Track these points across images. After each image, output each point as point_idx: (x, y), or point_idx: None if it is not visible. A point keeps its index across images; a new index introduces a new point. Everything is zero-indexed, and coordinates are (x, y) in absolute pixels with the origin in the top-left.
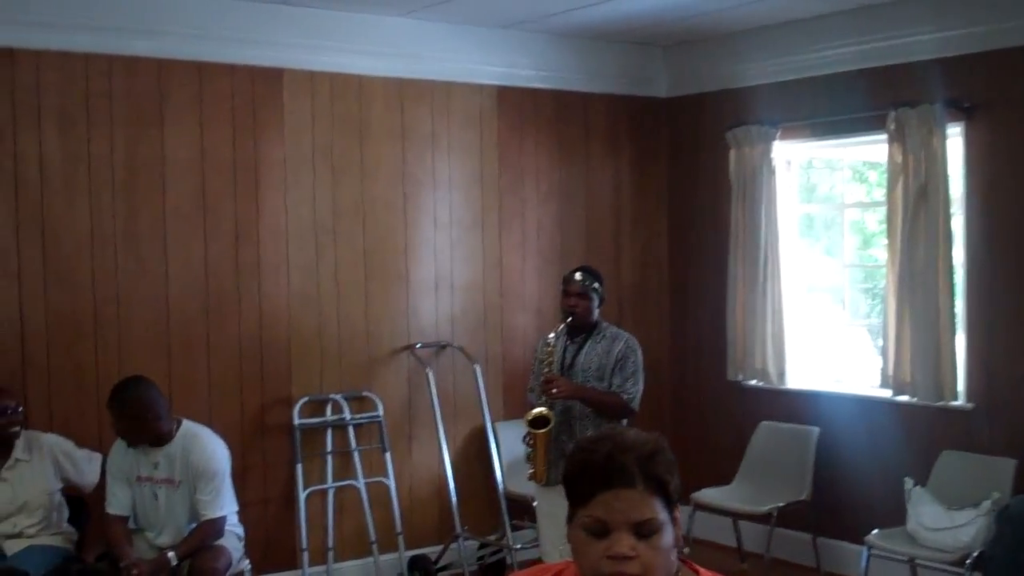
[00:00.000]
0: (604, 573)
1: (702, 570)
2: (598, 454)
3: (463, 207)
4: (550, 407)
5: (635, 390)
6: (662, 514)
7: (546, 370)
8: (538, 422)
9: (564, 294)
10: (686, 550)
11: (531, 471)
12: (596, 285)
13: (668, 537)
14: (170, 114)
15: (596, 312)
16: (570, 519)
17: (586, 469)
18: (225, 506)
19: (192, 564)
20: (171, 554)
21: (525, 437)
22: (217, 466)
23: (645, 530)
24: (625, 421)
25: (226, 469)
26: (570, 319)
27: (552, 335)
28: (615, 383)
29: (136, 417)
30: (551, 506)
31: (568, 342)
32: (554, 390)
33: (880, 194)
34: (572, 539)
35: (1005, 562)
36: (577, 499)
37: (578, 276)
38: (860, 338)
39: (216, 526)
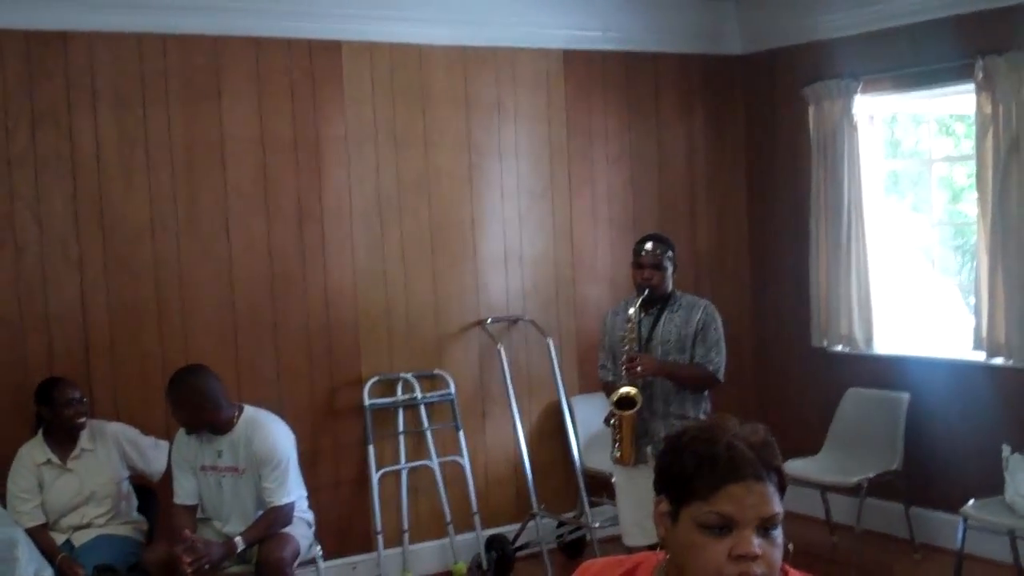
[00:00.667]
0: (727, 575)
1: (792, 571)
2: (719, 445)
3: (531, 175)
4: (635, 386)
5: (720, 360)
6: (782, 508)
7: (627, 347)
8: (624, 403)
9: (636, 266)
10: (790, 546)
11: (617, 453)
12: (669, 253)
13: (782, 533)
14: (227, 91)
15: (671, 281)
16: (674, 516)
17: (707, 461)
18: (291, 492)
19: (259, 553)
20: (238, 539)
21: (609, 419)
22: (281, 452)
23: (770, 526)
24: (707, 392)
25: (290, 454)
26: (646, 292)
27: (631, 310)
28: (698, 354)
29: (193, 407)
30: (631, 484)
31: (643, 314)
32: (639, 368)
33: (969, 147)
34: (679, 538)
35: None
36: (690, 494)
37: (649, 246)
38: (951, 299)
39: (283, 512)
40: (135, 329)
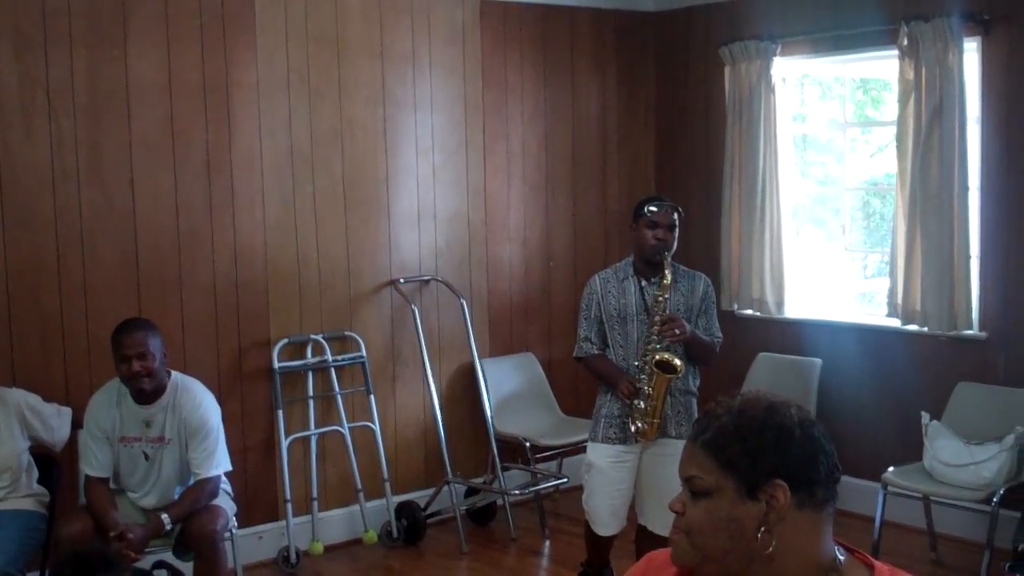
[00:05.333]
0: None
1: (879, 564)
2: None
3: (445, 130)
4: (668, 351)
5: (720, 335)
6: (712, 477)
7: (658, 313)
8: (665, 367)
9: (651, 226)
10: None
11: (638, 426)
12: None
13: (727, 508)
14: (134, 34)
15: None
16: None
17: None
18: (220, 464)
19: (190, 526)
20: (165, 516)
21: (632, 391)
22: (211, 421)
23: (693, 488)
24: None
25: (219, 424)
26: (658, 257)
27: (668, 271)
28: (701, 325)
29: (152, 360)
30: (617, 466)
31: (643, 283)
32: (677, 331)
33: (885, 113)
34: None
35: None
36: None
37: (666, 206)
38: (867, 265)
39: (211, 485)
40: (33, 287)
